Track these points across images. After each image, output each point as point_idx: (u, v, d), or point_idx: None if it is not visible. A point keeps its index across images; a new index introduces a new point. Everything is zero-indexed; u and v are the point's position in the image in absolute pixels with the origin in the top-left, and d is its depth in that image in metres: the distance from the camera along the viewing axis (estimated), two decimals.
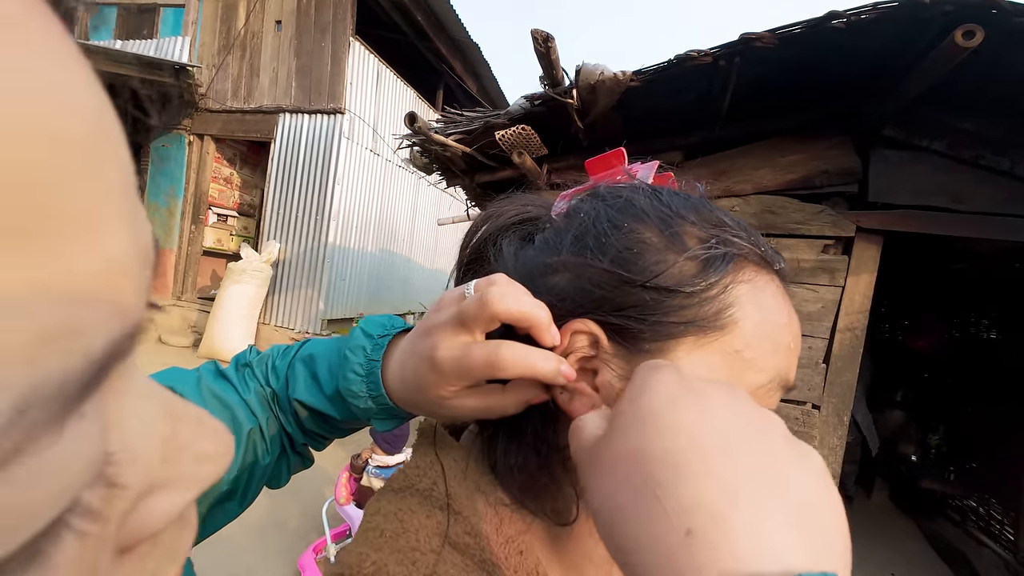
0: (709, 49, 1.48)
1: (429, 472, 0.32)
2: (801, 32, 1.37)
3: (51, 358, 0.08)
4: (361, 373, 0.36)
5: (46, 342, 0.07)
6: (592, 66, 1.58)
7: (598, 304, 0.29)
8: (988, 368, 3.13)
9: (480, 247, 0.37)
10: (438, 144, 2.06)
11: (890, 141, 1.72)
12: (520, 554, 0.30)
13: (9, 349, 0.07)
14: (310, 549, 2.41)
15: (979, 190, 1.65)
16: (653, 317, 0.29)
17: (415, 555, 0.28)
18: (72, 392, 0.08)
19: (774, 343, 0.30)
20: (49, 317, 0.07)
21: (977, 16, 1.21)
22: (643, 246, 0.30)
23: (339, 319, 5.80)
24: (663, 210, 0.31)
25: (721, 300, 0.29)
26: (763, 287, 0.31)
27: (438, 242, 8.09)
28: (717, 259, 0.29)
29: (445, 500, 0.31)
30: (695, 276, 0.29)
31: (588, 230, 0.31)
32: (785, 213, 1.79)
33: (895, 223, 1.69)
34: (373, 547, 0.28)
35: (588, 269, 0.30)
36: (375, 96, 6.00)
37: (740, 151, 1.91)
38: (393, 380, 0.35)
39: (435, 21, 6.24)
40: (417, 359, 0.32)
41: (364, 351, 0.37)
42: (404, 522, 0.29)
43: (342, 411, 0.39)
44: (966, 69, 1.33)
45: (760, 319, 0.30)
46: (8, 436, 0.07)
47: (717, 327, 0.29)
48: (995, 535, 2.91)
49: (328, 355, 0.41)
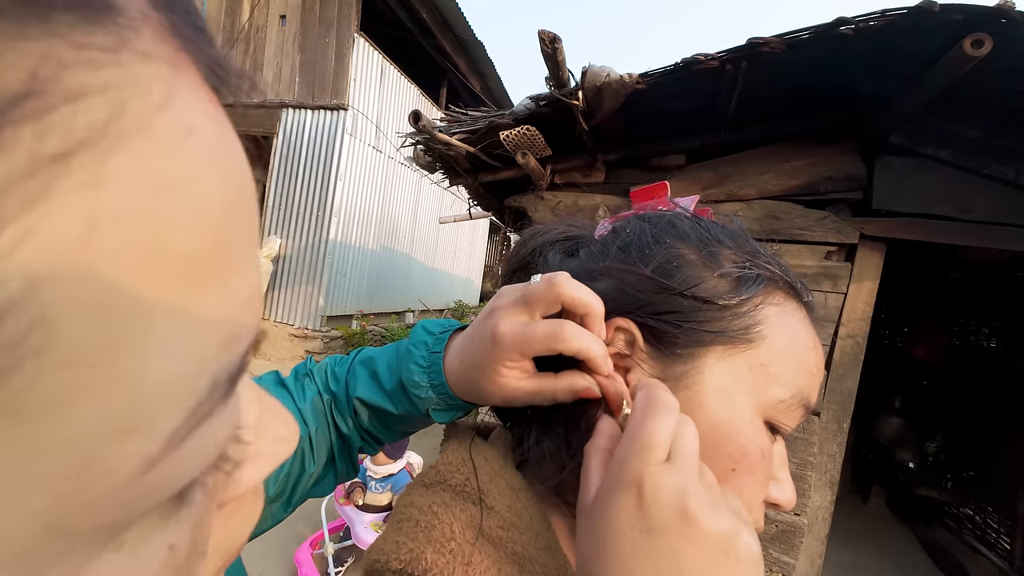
0: (716, 53, 1.48)
1: (462, 468, 0.34)
2: (809, 38, 1.36)
3: (227, 354, 0.11)
4: (423, 364, 0.39)
5: (226, 343, 0.11)
6: (598, 68, 1.57)
7: (638, 306, 0.32)
8: (987, 376, 3.13)
9: (527, 258, 0.40)
10: (442, 143, 2.05)
11: (895, 148, 1.71)
12: (549, 550, 0.31)
13: (211, 347, 0.10)
14: (307, 544, 2.42)
15: (983, 199, 1.64)
16: (688, 324, 0.31)
17: (451, 545, 0.29)
18: (232, 378, 0.11)
19: (798, 363, 0.32)
20: (229, 327, 0.11)
21: (986, 25, 1.20)
22: (682, 260, 0.33)
23: (339, 316, 5.80)
24: (703, 233, 0.35)
25: (751, 316, 0.32)
26: (791, 312, 0.33)
27: (439, 240, 8.08)
28: (749, 279, 0.32)
29: (478, 495, 0.32)
30: (728, 292, 0.32)
31: (632, 243, 0.34)
32: (789, 219, 1.79)
33: (899, 231, 1.69)
34: (408, 536, 0.30)
35: (631, 275, 0.33)
36: (378, 93, 5.99)
37: (745, 155, 1.90)
38: (453, 364, 0.38)
39: (440, 18, 6.24)
40: (479, 338, 0.35)
41: (426, 345, 0.40)
42: (438, 515, 0.31)
43: (400, 405, 0.42)
44: (974, 78, 1.33)
45: (786, 339, 0.32)
46: (207, 403, 0.11)
47: (746, 340, 0.31)
48: (991, 543, 2.91)
49: (386, 355, 0.45)
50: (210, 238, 0.10)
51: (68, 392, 0.08)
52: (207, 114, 0.10)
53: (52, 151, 0.07)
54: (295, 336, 5.43)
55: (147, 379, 0.09)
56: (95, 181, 0.08)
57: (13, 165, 0.07)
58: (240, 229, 0.11)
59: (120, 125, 0.08)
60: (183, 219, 0.09)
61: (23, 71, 0.07)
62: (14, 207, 0.07)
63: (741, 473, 0.31)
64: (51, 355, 0.07)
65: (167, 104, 0.09)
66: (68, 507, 0.08)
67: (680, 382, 0.31)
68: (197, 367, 0.10)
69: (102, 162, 0.08)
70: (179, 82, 0.10)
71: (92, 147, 0.08)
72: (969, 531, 3.12)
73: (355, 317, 6.01)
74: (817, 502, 1.75)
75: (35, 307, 0.07)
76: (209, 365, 0.10)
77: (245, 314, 0.11)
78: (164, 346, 0.09)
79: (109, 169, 0.08)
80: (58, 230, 0.07)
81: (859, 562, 2.85)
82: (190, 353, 0.10)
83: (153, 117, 0.09)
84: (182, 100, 0.10)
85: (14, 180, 0.07)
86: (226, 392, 0.11)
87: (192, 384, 0.10)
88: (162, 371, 0.09)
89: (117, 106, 0.08)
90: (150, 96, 0.09)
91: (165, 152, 0.09)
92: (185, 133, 0.09)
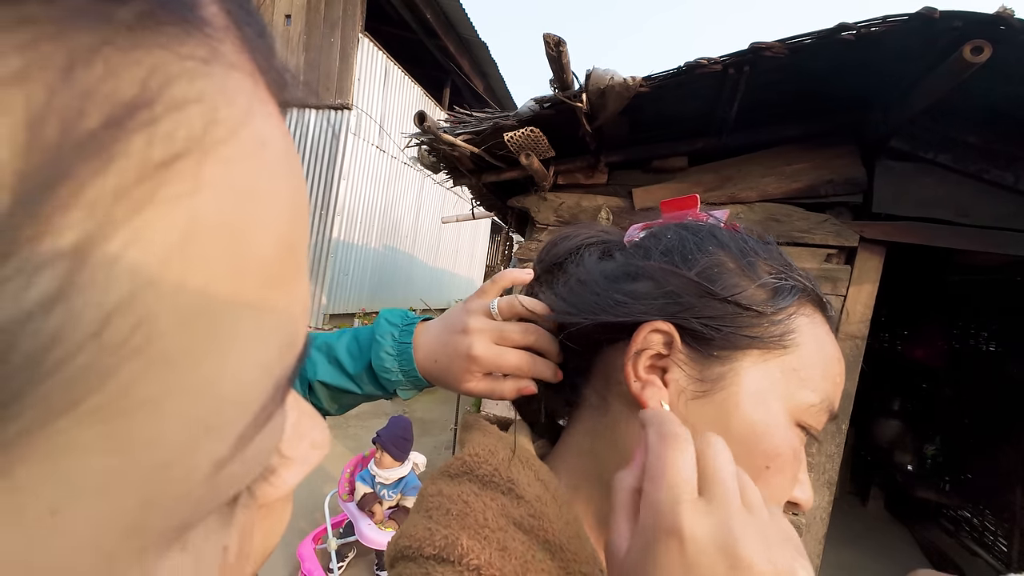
0: (719, 57, 1.49)
1: (489, 459, 0.35)
2: (811, 43, 1.38)
3: (287, 358, 0.11)
4: (392, 353, 0.46)
5: (288, 347, 0.11)
6: (602, 71, 1.59)
7: (681, 308, 0.33)
8: (986, 380, 3.14)
9: (558, 258, 0.43)
10: (447, 143, 2.07)
11: (896, 153, 1.73)
12: (578, 538, 0.33)
13: (276, 350, 0.11)
14: (309, 538, 2.43)
15: (983, 204, 1.66)
16: (727, 328, 0.33)
17: (485, 531, 0.31)
18: (289, 382, 0.12)
19: (824, 370, 0.34)
20: (290, 331, 0.11)
21: (986, 32, 1.22)
22: (723, 268, 0.35)
23: (341, 314, 5.82)
24: (742, 244, 0.36)
25: (786, 325, 0.34)
26: (819, 324, 0.36)
27: (441, 240, 8.10)
28: (785, 290, 0.34)
29: (507, 485, 0.34)
30: (766, 300, 0.34)
31: (675, 248, 0.36)
32: (789, 221, 1.80)
33: (899, 234, 1.70)
34: (441, 524, 0.31)
35: (676, 277, 0.34)
36: (382, 93, 6.01)
37: (746, 158, 1.92)
38: (426, 362, 0.45)
39: (444, 19, 6.25)
40: (454, 352, 0.43)
41: (392, 336, 0.47)
42: (469, 503, 0.32)
43: (365, 387, 0.48)
44: (974, 84, 1.34)
45: (816, 347, 0.34)
46: (270, 405, 0.11)
47: (781, 346, 0.33)
48: (988, 546, 2.92)
49: (343, 341, 0.49)
50: (283, 245, 0.10)
51: (161, 393, 0.08)
52: (277, 125, 0.11)
53: (159, 159, 0.08)
54: None
55: (226, 381, 0.09)
56: (193, 189, 0.08)
57: (126, 172, 0.07)
58: (302, 236, 0.12)
59: (213, 135, 0.08)
60: (261, 227, 0.10)
61: (136, 82, 0.07)
62: (125, 212, 0.07)
63: (774, 471, 0.32)
64: (149, 356, 0.08)
65: (249, 115, 0.09)
66: (151, 507, 0.09)
67: (718, 383, 0.33)
68: (265, 371, 0.10)
69: (198, 170, 0.08)
70: (257, 93, 0.10)
71: (190, 156, 0.08)
72: (967, 533, 3.13)
73: (357, 315, 6.03)
74: (815, 502, 1.77)
75: (139, 309, 0.07)
76: (274, 368, 0.11)
77: (302, 319, 0.12)
78: (242, 349, 0.10)
79: (204, 177, 0.08)
80: (161, 235, 0.08)
81: (857, 562, 2.86)
82: (262, 357, 0.10)
83: (239, 127, 0.09)
84: (260, 111, 0.10)
85: (126, 186, 0.07)
86: (283, 396, 0.12)
87: (261, 387, 0.10)
88: (239, 374, 0.10)
89: (211, 116, 0.08)
90: (236, 106, 0.09)
91: (248, 162, 0.09)
92: (262, 144, 0.10)
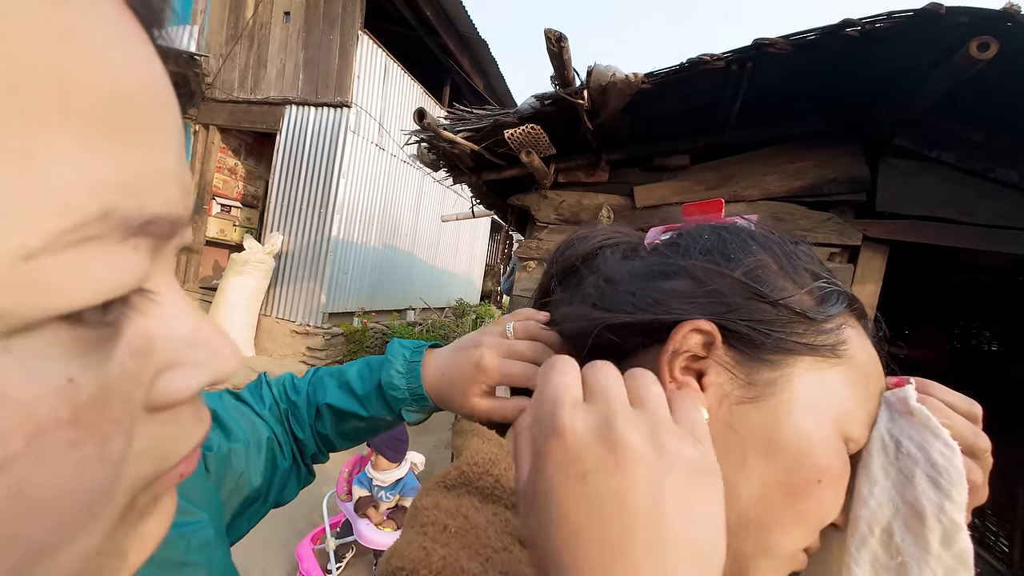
0: (722, 54, 1.48)
1: (491, 469, 0.33)
2: (815, 39, 1.37)
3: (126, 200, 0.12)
4: (402, 371, 0.49)
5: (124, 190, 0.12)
6: (604, 67, 1.57)
7: (727, 308, 0.31)
8: (987, 380, 3.13)
9: (580, 259, 0.41)
10: (447, 141, 2.05)
11: (900, 151, 1.71)
12: None
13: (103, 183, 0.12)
14: (308, 539, 2.42)
15: (987, 203, 1.64)
16: (777, 333, 0.31)
17: (487, 551, 0.28)
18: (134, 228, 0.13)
19: (875, 385, 0.33)
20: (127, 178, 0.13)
21: (992, 28, 1.20)
22: (767, 271, 0.33)
23: (341, 313, 5.81)
24: (784, 247, 0.35)
25: (836, 334, 0.32)
26: (865, 337, 0.34)
27: (441, 239, 8.08)
28: (833, 296, 0.33)
29: (510, 499, 0.31)
30: (815, 307, 0.32)
31: (715, 247, 0.34)
32: (792, 220, 1.79)
33: (902, 233, 1.69)
34: (439, 542, 0.28)
35: (720, 276, 0.32)
36: (382, 90, 5.99)
37: (749, 156, 1.90)
38: (433, 375, 0.48)
39: (444, 16, 6.22)
40: (463, 362, 0.45)
41: (404, 356, 0.49)
42: (469, 519, 0.30)
43: (372, 407, 0.50)
44: (979, 81, 1.33)
45: (866, 360, 0.33)
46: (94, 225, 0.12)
47: (835, 355, 0.32)
48: (989, 546, 2.92)
49: (356, 367, 0.52)
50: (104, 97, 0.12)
51: None
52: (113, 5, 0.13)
53: None
54: (296, 333, 5.44)
55: (34, 173, 0.10)
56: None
57: None
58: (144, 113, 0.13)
59: None
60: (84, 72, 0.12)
61: None
62: None
63: (826, 485, 0.30)
64: None
65: None
66: None
67: (768, 388, 0.31)
68: (87, 191, 0.12)
69: None
70: None
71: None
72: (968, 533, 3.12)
73: (357, 314, 6.02)
74: None
75: None
76: (100, 195, 0.12)
77: (152, 183, 0.13)
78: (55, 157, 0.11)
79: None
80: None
81: None
82: (80, 177, 0.11)
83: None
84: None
85: None
86: (125, 235, 0.13)
87: (79, 202, 0.11)
88: (51, 174, 0.11)
89: None
90: None
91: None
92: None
